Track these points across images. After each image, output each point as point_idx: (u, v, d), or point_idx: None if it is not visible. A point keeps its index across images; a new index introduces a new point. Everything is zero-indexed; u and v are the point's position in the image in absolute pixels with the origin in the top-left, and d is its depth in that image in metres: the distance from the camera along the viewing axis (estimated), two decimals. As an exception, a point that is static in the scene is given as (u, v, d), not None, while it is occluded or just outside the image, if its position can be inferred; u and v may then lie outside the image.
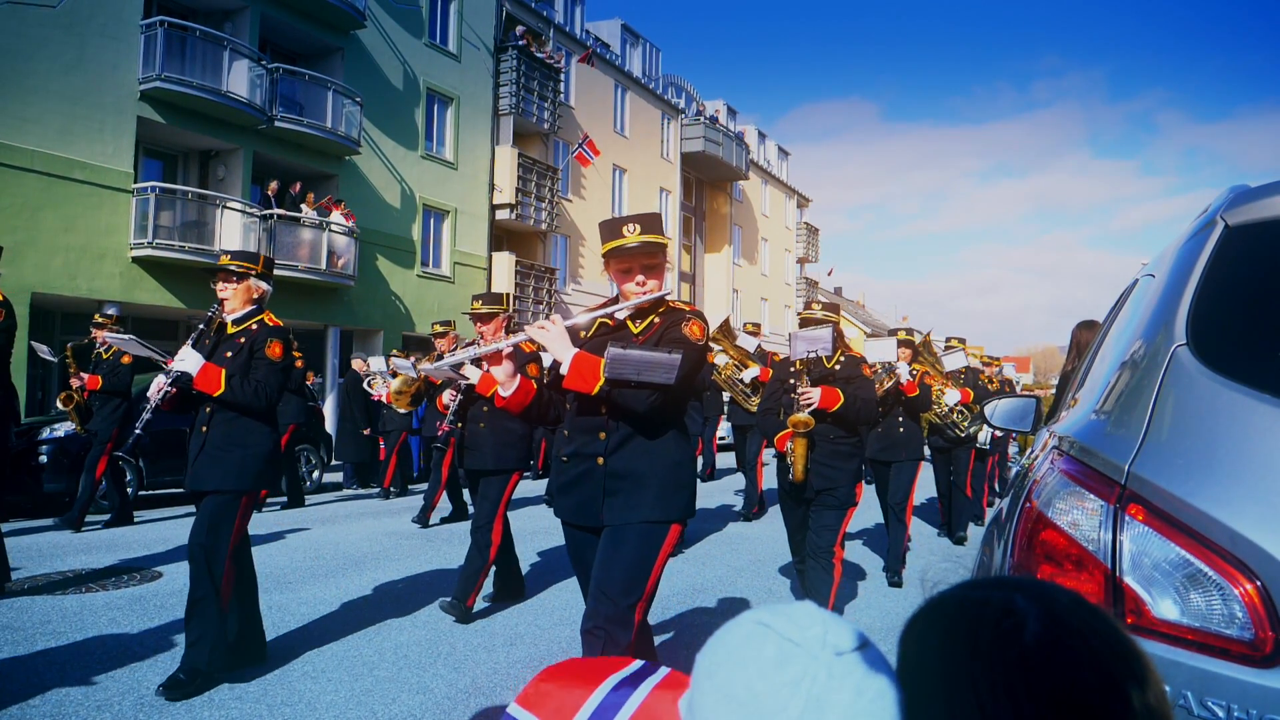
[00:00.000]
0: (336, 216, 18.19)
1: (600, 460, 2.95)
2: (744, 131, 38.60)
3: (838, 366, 4.98)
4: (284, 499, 10.53)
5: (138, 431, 4.01)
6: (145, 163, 16.70)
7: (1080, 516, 1.52)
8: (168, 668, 4.18)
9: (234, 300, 4.23)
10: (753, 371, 8.50)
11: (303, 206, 17.73)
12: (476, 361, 3.76)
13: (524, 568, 6.73)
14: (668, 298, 3.10)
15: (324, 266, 17.68)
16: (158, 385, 4.02)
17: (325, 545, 7.75)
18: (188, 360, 3.96)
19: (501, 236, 24.08)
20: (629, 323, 3.07)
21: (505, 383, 3.04)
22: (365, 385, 11.78)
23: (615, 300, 3.16)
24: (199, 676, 3.87)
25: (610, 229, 3.01)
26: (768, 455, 8.46)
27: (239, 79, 16.33)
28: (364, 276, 19.08)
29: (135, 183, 15.47)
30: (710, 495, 11.31)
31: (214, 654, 3.89)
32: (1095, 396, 1.90)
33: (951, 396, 8.31)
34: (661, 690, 1.06)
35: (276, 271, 16.78)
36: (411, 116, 20.98)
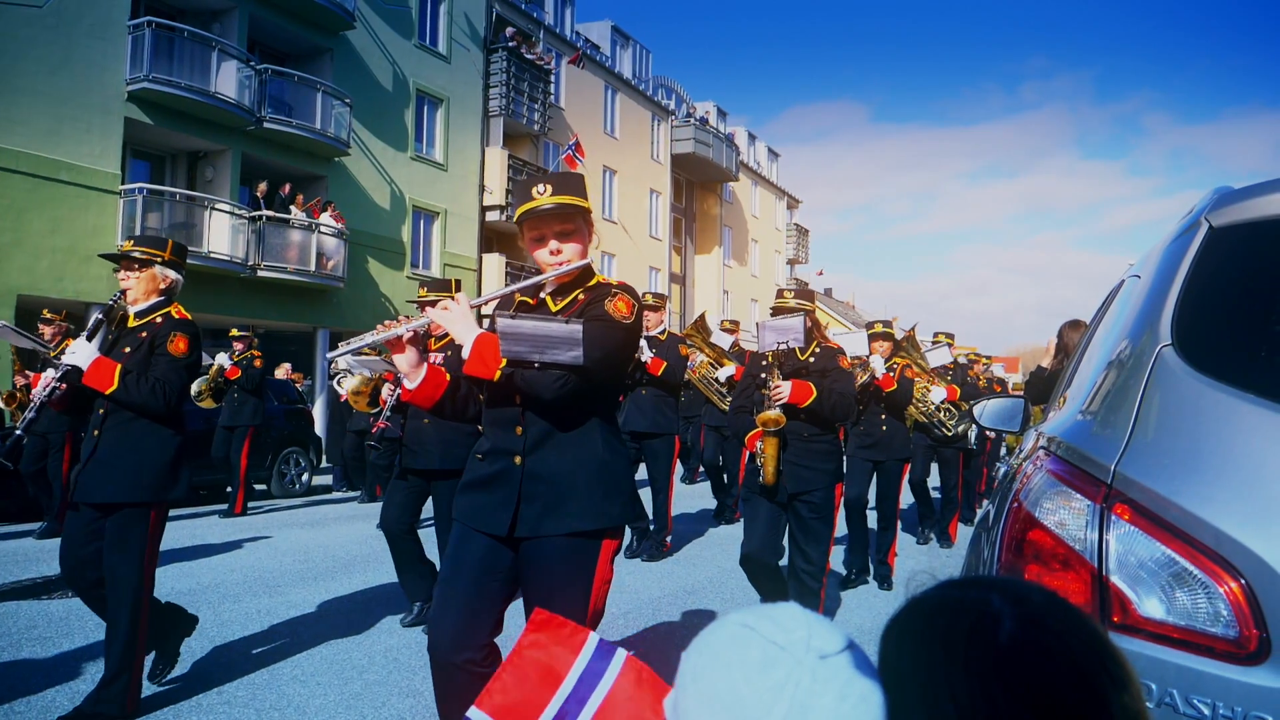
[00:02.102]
0: (326, 218, 18.14)
1: (518, 459, 2.54)
2: (734, 133, 38.65)
3: (812, 359, 4.64)
4: (224, 506, 10.01)
5: (18, 432, 3.59)
6: (133, 164, 16.62)
7: (1067, 516, 1.52)
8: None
9: (137, 290, 3.84)
10: (728, 370, 8.22)
11: (292, 208, 17.67)
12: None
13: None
14: (605, 277, 2.73)
15: (313, 268, 17.63)
16: (45, 381, 3.66)
17: (314, 548, 7.72)
18: (79, 353, 3.58)
19: (492, 238, 24.04)
20: (549, 300, 2.71)
21: (409, 373, 2.65)
22: (335, 384, 11.54)
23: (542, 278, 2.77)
24: None
25: (521, 191, 2.65)
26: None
27: (227, 80, 16.27)
28: (353, 278, 19.04)
29: (123, 184, 15.41)
30: (701, 497, 11.31)
31: (130, 697, 3.61)
32: (1082, 397, 1.91)
33: (937, 394, 8.04)
34: (623, 681, 1.05)
35: (265, 273, 16.90)
36: (401, 117, 20.95)
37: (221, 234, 16.22)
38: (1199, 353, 1.57)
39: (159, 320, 3.82)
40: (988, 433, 9.46)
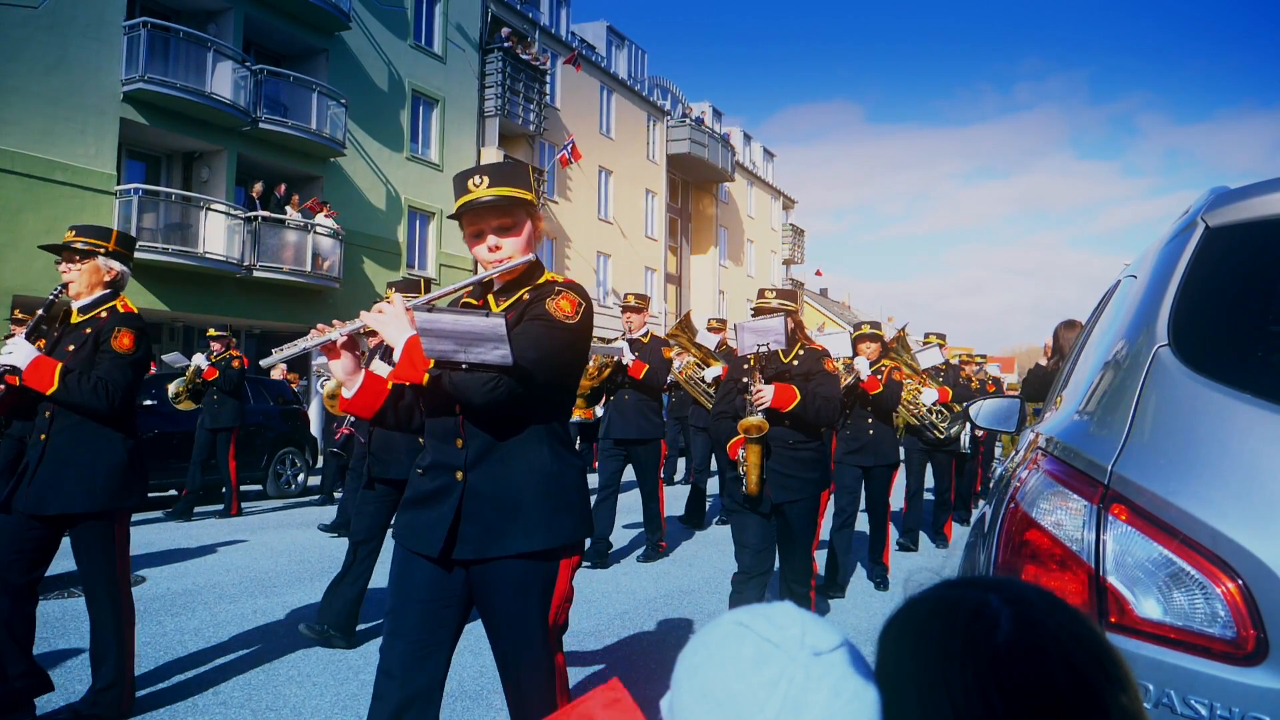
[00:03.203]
0: (321, 218, 18.12)
1: (459, 475, 2.35)
2: (729, 133, 38.67)
3: (795, 361, 4.43)
4: (219, 508, 9.98)
5: None
6: (128, 164, 16.60)
7: (1064, 516, 1.52)
8: (152, 672, 4.15)
9: (80, 283, 3.60)
10: (714, 370, 8.04)
11: (287, 208, 17.65)
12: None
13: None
14: (554, 275, 2.55)
15: (309, 268, 17.62)
16: None
17: (309, 549, 7.71)
18: (16, 353, 3.37)
19: (487, 238, 23.99)
20: (491, 300, 2.52)
21: (346, 380, 2.47)
22: (318, 387, 11.53)
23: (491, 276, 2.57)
24: None
25: (459, 183, 2.46)
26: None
27: (223, 80, 16.25)
28: (349, 278, 19.02)
29: (118, 184, 15.39)
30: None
31: (125, 700, 3.59)
32: (1078, 397, 1.91)
33: (929, 395, 7.85)
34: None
35: (260, 274, 16.87)
36: (396, 118, 20.94)
37: (217, 234, 16.20)
38: (1196, 353, 1.57)
39: (104, 315, 3.59)
40: (979, 433, 9.34)
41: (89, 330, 3.55)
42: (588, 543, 6.84)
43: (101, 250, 3.63)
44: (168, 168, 17.59)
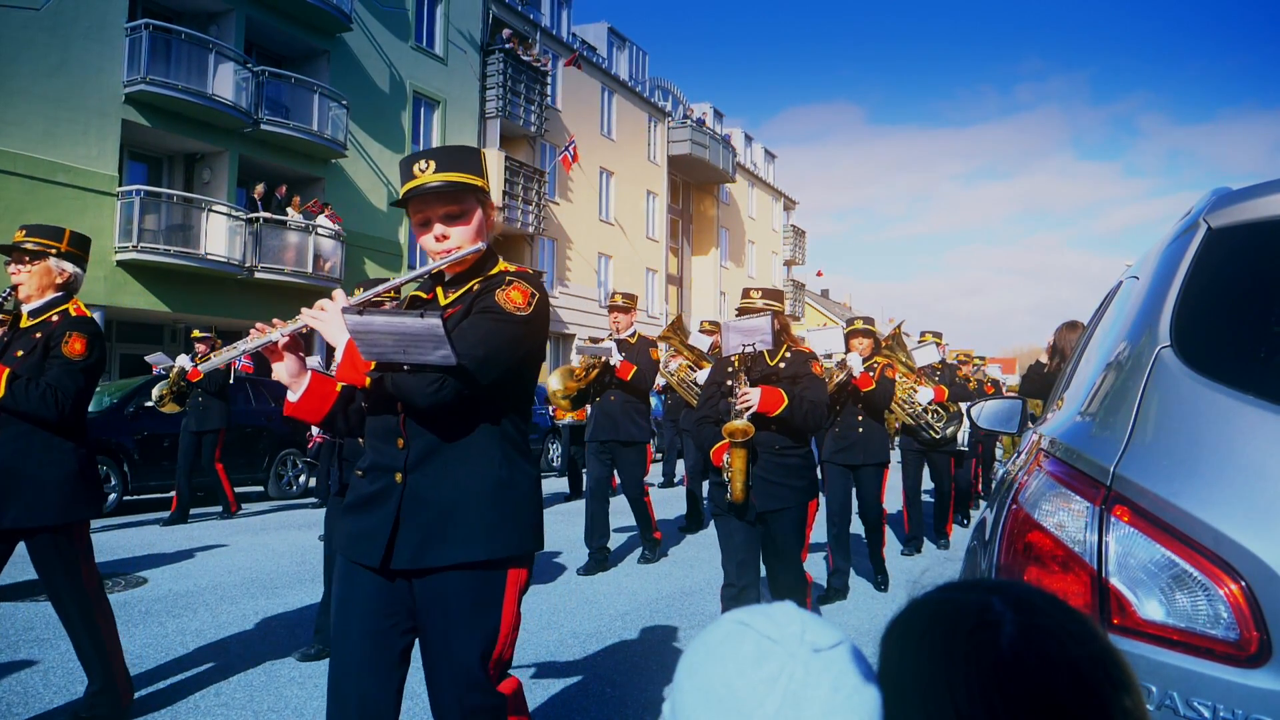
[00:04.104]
0: (323, 219, 18.14)
1: (398, 477, 2.20)
2: (731, 134, 38.70)
3: (782, 364, 4.27)
4: (219, 508, 9.87)
5: None
6: (130, 166, 16.63)
7: (1066, 518, 1.52)
8: (153, 674, 4.15)
9: (29, 285, 3.46)
10: (707, 372, 7.87)
11: (289, 210, 17.67)
12: (257, 355, 2.59)
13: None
14: (508, 265, 2.38)
15: (310, 269, 17.63)
16: None
17: (310, 550, 7.71)
18: None
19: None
20: (440, 292, 2.36)
21: (291, 384, 2.32)
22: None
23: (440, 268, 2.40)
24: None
25: (404, 168, 2.29)
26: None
27: (224, 82, 16.28)
28: (350, 279, 19.01)
29: (120, 186, 15.41)
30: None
31: (122, 698, 3.55)
32: (1080, 398, 1.91)
33: (924, 394, 7.69)
34: None
35: (261, 275, 16.88)
36: (398, 119, 20.96)
37: (219, 235, 16.22)
38: (1198, 354, 1.57)
39: (55, 319, 3.44)
40: (979, 432, 9.21)
41: (39, 335, 3.40)
42: (587, 553, 6.86)
43: (53, 251, 3.49)
44: (169, 169, 17.62)
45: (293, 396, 2.33)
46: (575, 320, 26.40)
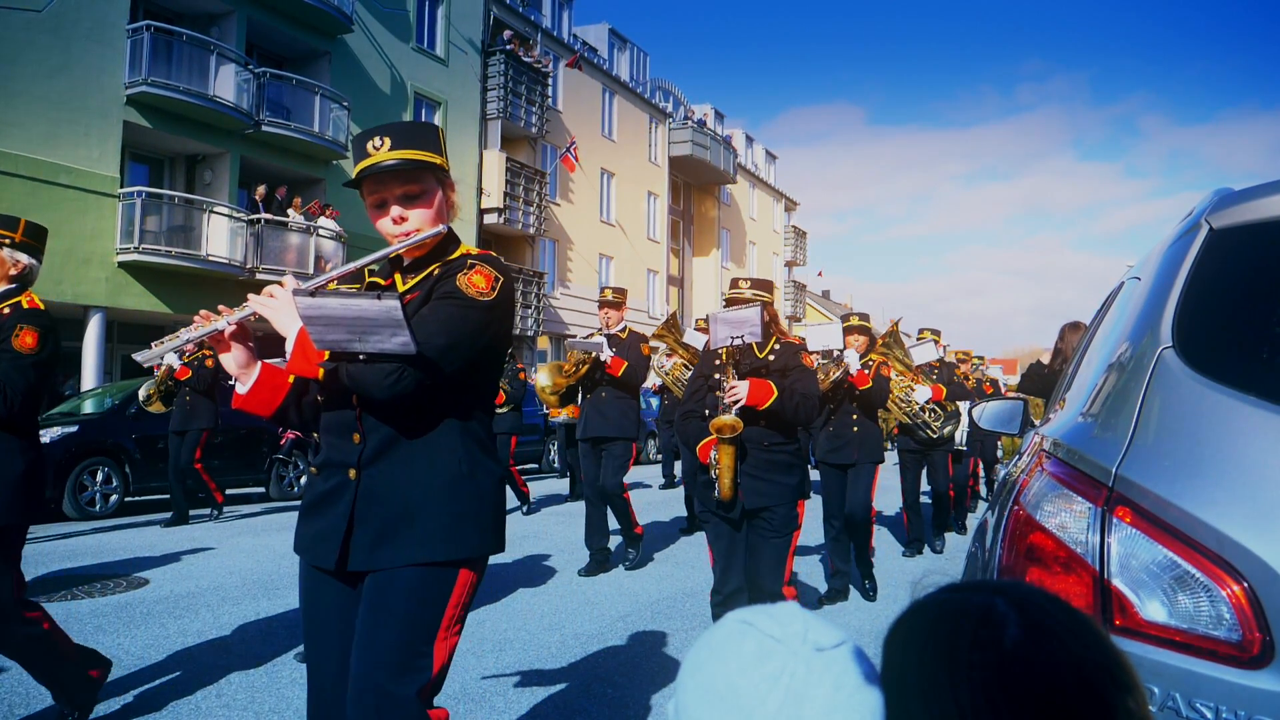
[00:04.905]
0: (324, 220, 18.15)
1: (352, 473, 2.09)
2: (731, 135, 38.73)
3: (771, 356, 4.12)
4: (170, 514, 9.35)
5: None
6: (131, 167, 16.65)
7: (1068, 519, 1.52)
8: (155, 674, 4.15)
9: None
10: None
11: (290, 211, 17.69)
12: (201, 345, 2.21)
13: (513, 572, 6.71)
14: (471, 248, 2.25)
15: (311, 271, 17.63)
16: None
17: (313, 551, 7.70)
18: None
19: (489, 240, 24.06)
20: (398, 278, 2.23)
21: (240, 375, 2.17)
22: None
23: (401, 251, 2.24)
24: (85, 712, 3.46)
25: (357, 147, 2.14)
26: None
27: (225, 83, 16.30)
28: (352, 281, 19.03)
29: (121, 187, 15.43)
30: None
31: (88, 691, 3.46)
32: (1082, 399, 1.91)
33: (922, 393, 7.50)
34: None
35: (263, 276, 16.88)
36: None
37: (220, 236, 16.24)
38: (1200, 355, 1.57)
39: (6, 311, 3.30)
40: (979, 432, 9.06)
41: None
42: (587, 554, 6.80)
43: (6, 241, 3.36)
44: (170, 170, 17.63)
45: (241, 389, 2.18)
46: (576, 321, 26.40)
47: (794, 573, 5.15)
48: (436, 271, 2.16)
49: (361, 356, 1.97)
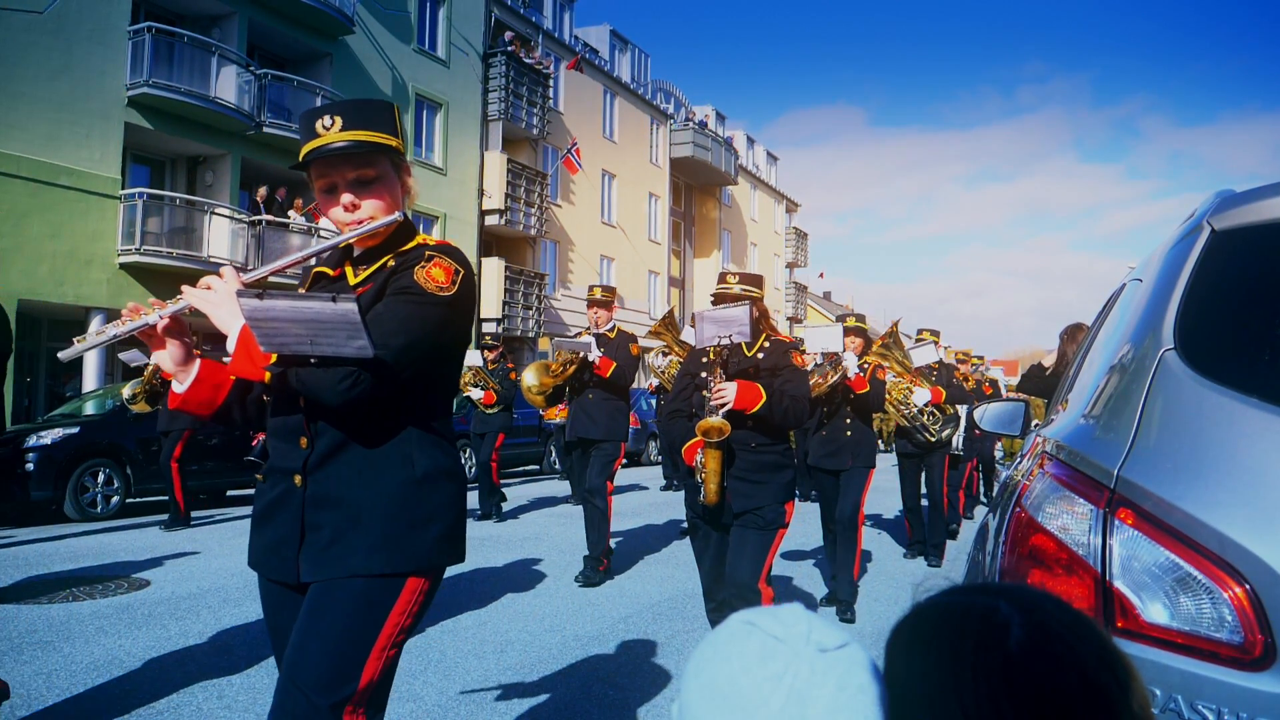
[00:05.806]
0: (325, 222, 18.16)
1: (298, 479, 1.95)
2: (733, 136, 38.73)
3: (760, 355, 3.95)
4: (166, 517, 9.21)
5: None
6: (133, 168, 16.66)
7: (1070, 521, 1.52)
8: (156, 676, 4.15)
9: None
10: None
11: (291, 212, 17.70)
12: (131, 340, 2.15)
13: (514, 573, 6.71)
14: (428, 237, 2.10)
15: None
16: None
17: (314, 552, 7.70)
18: None
19: (490, 242, 24.06)
20: (349, 269, 2.07)
21: (177, 373, 2.00)
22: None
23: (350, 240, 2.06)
24: None
25: (305, 126, 1.98)
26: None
27: (227, 85, 16.32)
28: (353, 282, 19.07)
29: (123, 189, 15.43)
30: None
31: None
32: (1084, 401, 1.91)
33: (921, 395, 7.36)
34: None
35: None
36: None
37: (221, 238, 16.25)
38: (1202, 357, 1.57)
39: None
40: (976, 431, 8.90)
41: None
42: (584, 561, 6.70)
43: None
44: (172, 172, 17.65)
45: (178, 387, 2.00)
46: (577, 323, 26.40)
47: (790, 576, 5.14)
48: (391, 263, 1.99)
49: (313, 360, 1.82)
